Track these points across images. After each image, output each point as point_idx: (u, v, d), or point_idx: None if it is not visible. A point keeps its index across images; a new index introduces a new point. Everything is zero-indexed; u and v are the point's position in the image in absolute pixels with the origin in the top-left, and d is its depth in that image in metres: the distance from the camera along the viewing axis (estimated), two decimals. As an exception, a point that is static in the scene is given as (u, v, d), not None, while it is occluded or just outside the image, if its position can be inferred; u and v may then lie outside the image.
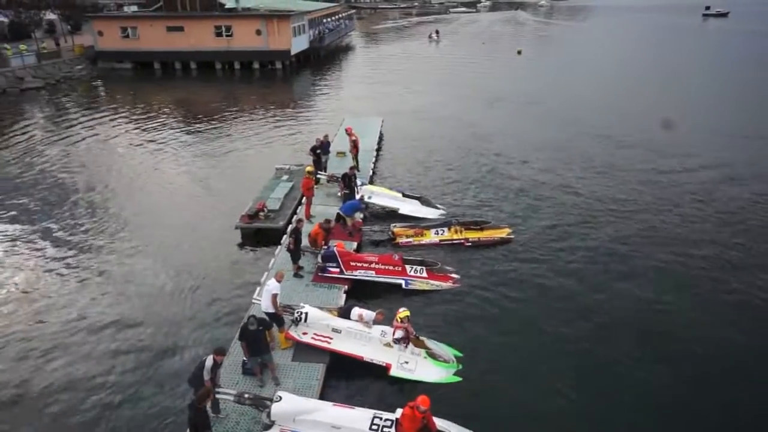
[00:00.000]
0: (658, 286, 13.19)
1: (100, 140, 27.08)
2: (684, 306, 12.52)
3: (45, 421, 9.34)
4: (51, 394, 9.92)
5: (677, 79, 43.14)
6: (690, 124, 28.70)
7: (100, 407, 9.56)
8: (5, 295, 13.17)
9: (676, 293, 12.94)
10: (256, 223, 15.68)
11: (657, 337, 11.41)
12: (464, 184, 19.96)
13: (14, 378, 10.37)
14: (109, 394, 9.86)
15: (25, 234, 16.48)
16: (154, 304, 12.69)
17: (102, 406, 9.59)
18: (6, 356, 10.97)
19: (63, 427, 9.24)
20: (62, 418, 9.40)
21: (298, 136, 26.86)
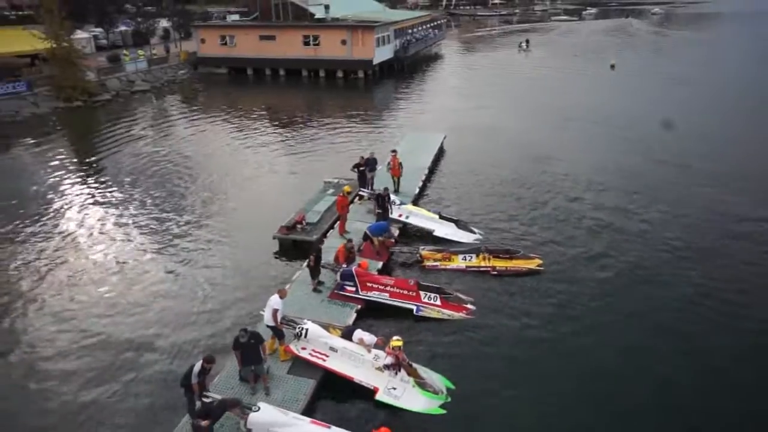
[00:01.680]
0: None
1: (194, 138, 30.65)
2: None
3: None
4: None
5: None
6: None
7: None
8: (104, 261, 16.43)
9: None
10: (292, 234, 16.65)
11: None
12: (511, 209, 19.56)
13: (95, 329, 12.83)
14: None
15: (127, 211, 20.31)
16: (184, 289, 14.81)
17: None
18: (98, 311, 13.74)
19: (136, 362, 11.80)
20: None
21: (362, 147, 27.67)
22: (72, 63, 35.89)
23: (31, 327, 13.31)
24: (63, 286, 15.07)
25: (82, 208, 20.72)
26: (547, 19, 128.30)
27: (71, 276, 15.63)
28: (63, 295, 14.62)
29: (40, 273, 15.77)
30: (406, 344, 11.94)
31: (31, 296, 14.60)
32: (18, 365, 11.96)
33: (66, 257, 16.80)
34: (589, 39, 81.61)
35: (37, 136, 31.12)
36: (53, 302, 14.29)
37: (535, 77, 48.61)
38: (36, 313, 13.82)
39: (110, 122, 34.10)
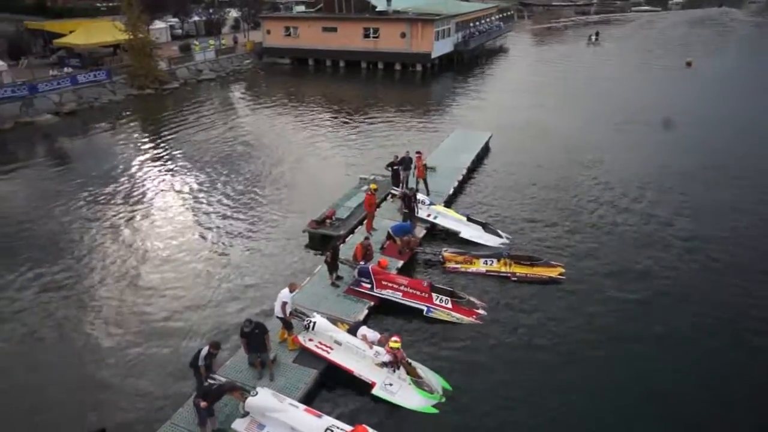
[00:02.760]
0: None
1: (254, 125, 32.77)
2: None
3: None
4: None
5: None
6: None
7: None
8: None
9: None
10: (321, 229, 17.39)
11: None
12: (549, 216, 19.14)
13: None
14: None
15: (189, 189, 22.70)
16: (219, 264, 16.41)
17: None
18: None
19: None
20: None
21: (409, 143, 27.97)
22: (146, 54, 38.46)
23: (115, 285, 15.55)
24: (135, 251, 17.38)
25: (151, 185, 23.23)
26: (627, 10, 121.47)
27: (137, 243, 17.97)
28: (133, 257, 17.06)
29: (118, 237, 18.39)
30: (412, 342, 12.55)
31: (113, 255, 17.15)
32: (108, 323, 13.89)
33: (139, 226, 19.25)
34: (669, 32, 76.84)
35: (112, 120, 33.91)
36: (129, 264, 16.68)
37: (599, 74, 46.74)
38: (118, 276, 16.03)
39: (177, 109, 36.44)
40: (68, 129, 32.15)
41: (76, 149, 29.60)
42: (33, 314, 14.15)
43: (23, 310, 14.30)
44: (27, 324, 13.74)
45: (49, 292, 15.15)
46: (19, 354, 12.73)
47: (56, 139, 30.85)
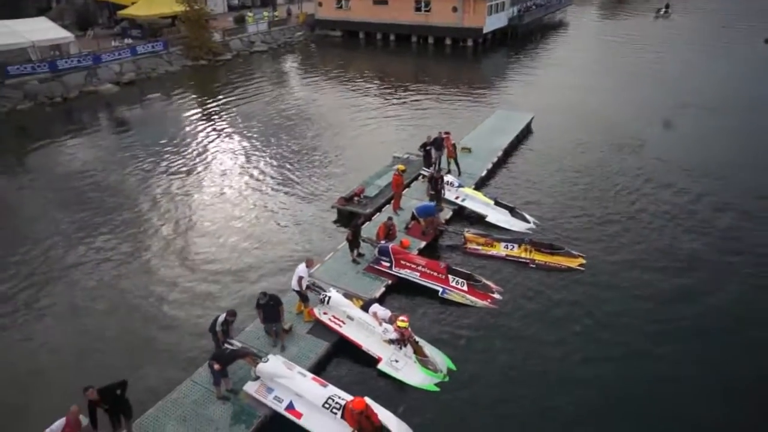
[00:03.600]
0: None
1: (304, 96, 33.60)
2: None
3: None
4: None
5: None
6: None
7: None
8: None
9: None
10: (349, 206, 17.89)
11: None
12: (583, 205, 18.63)
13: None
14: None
15: (241, 156, 24.33)
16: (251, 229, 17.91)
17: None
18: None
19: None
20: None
21: (450, 122, 27.83)
22: (201, 25, 39.69)
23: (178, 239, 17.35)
24: (182, 212, 19.10)
25: (201, 151, 24.90)
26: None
27: (185, 204, 19.72)
28: (197, 215, 18.93)
29: (169, 198, 20.16)
30: (424, 321, 12.99)
31: (175, 216, 18.84)
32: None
33: (189, 189, 20.99)
34: (754, 2, 70.61)
35: (167, 90, 35.51)
36: (176, 222, 18.42)
37: (663, 51, 44.14)
38: (180, 230, 17.94)
39: (229, 80, 37.67)
40: (127, 98, 33.95)
41: (134, 117, 31.33)
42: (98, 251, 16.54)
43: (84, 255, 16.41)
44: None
45: (106, 234, 17.52)
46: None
47: (116, 107, 32.69)
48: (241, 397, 10.44)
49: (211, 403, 10.28)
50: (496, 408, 10.73)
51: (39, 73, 32.11)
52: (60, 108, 31.53)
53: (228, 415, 10.06)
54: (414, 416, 10.34)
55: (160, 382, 11.01)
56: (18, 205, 20.20)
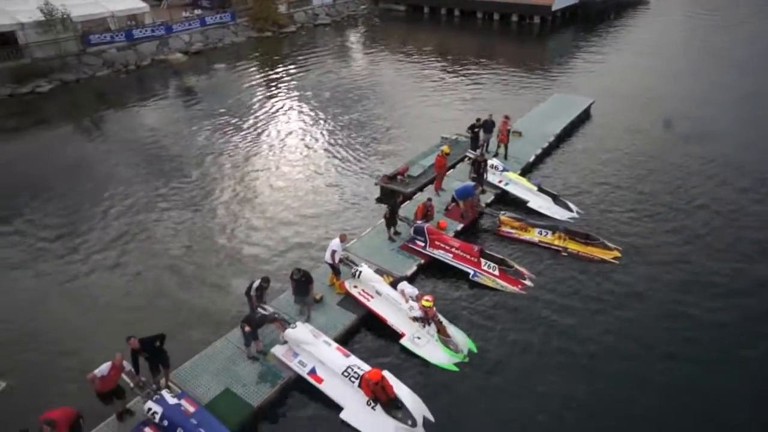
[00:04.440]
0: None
1: (366, 70, 34.39)
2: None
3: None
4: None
5: None
6: None
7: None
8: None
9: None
10: (391, 184, 18.20)
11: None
12: (630, 196, 17.99)
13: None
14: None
15: (302, 124, 25.97)
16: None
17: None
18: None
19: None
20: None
21: (504, 104, 27.36)
22: (267, -3, 40.68)
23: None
24: (244, 175, 20.62)
25: (262, 120, 26.34)
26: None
27: (246, 167, 21.28)
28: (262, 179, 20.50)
29: (231, 161, 21.81)
30: (452, 301, 13.24)
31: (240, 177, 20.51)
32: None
33: (250, 153, 22.63)
34: None
35: (233, 61, 36.86)
36: (236, 185, 19.97)
37: (751, 30, 40.75)
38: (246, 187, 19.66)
39: (292, 52, 38.61)
40: (195, 67, 35.55)
41: (201, 85, 32.84)
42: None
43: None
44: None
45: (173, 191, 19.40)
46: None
47: (184, 75, 34.34)
48: (268, 358, 11.17)
49: (242, 361, 11.08)
50: (509, 393, 10.84)
51: (116, 42, 34.14)
52: (133, 75, 33.51)
53: (255, 373, 10.82)
54: (429, 393, 10.69)
55: (199, 338, 11.91)
56: (94, 162, 22.10)
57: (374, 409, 10.10)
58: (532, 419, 10.26)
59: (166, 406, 9.35)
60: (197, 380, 10.61)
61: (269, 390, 10.50)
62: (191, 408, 9.71)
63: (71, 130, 26.18)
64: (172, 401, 9.53)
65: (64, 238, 16.51)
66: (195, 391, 10.32)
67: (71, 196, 18.98)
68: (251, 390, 10.45)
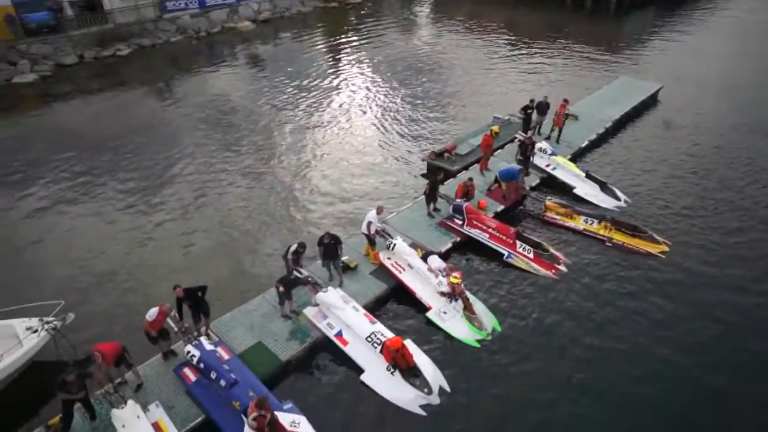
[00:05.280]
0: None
1: (432, 42, 34.59)
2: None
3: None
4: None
5: None
6: None
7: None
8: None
9: None
10: (438, 161, 18.37)
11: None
12: (690, 189, 17.19)
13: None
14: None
15: (367, 93, 26.94)
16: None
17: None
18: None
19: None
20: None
21: (570, 85, 26.51)
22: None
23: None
24: (307, 139, 22.07)
25: (326, 87, 27.58)
26: None
27: (310, 131, 22.72)
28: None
29: (296, 125, 23.22)
30: (482, 279, 13.51)
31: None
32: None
33: (312, 119, 23.88)
34: None
35: (299, 30, 37.67)
36: (301, 148, 21.31)
37: None
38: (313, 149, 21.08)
39: (357, 23, 38.99)
40: (262, 35, 36.67)
41: (267, 53, 33.96)
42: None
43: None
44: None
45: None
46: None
47: (252, 43, 35.51)
48: (300, 318, 11.93)
49: (275, 318, 11.90)
50: (527, 375, 11.00)
51: (190, 9, 35.71)
52: (204, 41, 35.05)
53: (287, 331, 11.62)
54: (448, 365, 11.10)
55: (240, 294, 12.85)
56: (165, 122, 23.89)
57: (393, 375, 10.65)
58: (544, 404, 10.38)
59: (204, 351, 10.30)
60: (234, 332, 11.53)
61: (298, 347, 11.26)
62: (226, 355, 10.65)
63: (146, 92, 27.92)
64: (209, 347, 10.47)
65: (136, 191, 18.12)
66: (231, 341, 11.25)
67: (143, 153, 20.71)
68: (281, 345, 11.26)
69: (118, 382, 9.94)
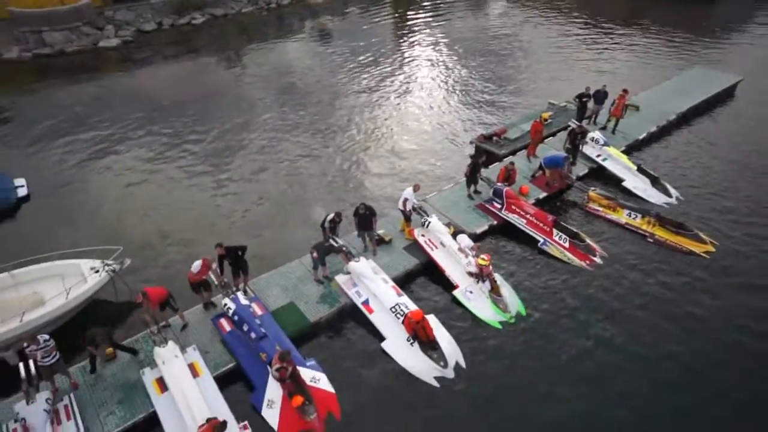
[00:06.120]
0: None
1: (500, 24, 33.98)
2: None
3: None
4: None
5: None
6: None
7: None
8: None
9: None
10: (486, 144, 18.39)
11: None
12: (753, 191, 16.30)
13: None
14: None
15: (438, 71, 27.14)
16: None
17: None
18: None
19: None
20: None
21: (642, 73, 25.43)
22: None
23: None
24: (375, 112, 22.86)
25: (395, 64, 27.96)
26: None
27: (375, 103, 23.57)
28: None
29: (361, 96, 24.26)
30: (514, 262, 13.66)
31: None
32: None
33: (383, 95, 24.37)
34: None
35: (367, 3, 37.99)
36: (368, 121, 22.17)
37: None
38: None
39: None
40: (331, 8, 37.31)
41: (335, 27, 34.61)
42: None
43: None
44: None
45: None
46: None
47: (321, 16, 36.20)
48: (331, 284, 12.63)
49: (309, 282, 12.67)
50: (545, 365, 11.08)
51: (263, -20, 36.66)
52: (274, 13, 36.12)
53: (318, 294, 12.36)
54: (467, 343, 11.47)
55: (282, 256, 13.72)
56: (232, 88, 25.32)
57: (412, 345, 11.16)
58: (548, 396, 10.41)
59: (239, 305, 11.21)
60: (269, 290, 12.41)
61: (327, 310, 11.99)
62: (259, 311, 11.54)
63: (217, 60, 29.31)
64: (245, 302, 11.38)
65: (202, 154, 19.55)
66: (266, 299, 12.13)
67: (211, 117, 22.12)
68: (311, 307, 12.02)
69: (162, 324, 11.04)
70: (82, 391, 10.15)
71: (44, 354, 9.50)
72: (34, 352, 9.46)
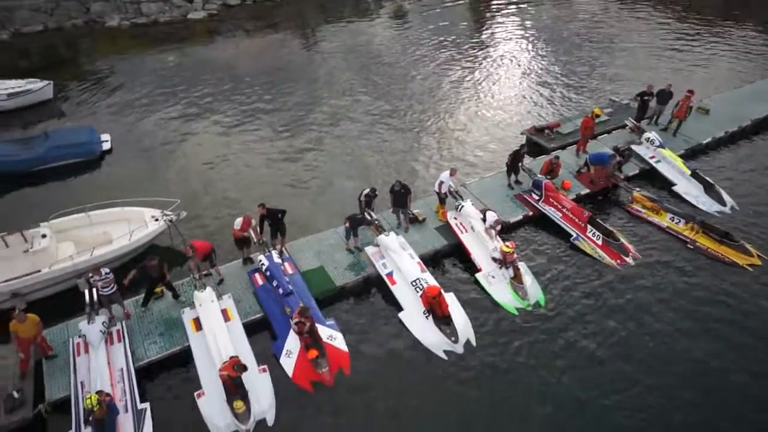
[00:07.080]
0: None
1: (591, 15, 33.14)
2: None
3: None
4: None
5: None
6: None
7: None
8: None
9: None
10: (536, 136, 18.38)
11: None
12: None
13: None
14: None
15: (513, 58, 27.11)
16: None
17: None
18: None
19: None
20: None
21: (729, 72, 24.29)
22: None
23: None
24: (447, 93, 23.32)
25: (472, 49, 27.94)
26: None
27: (449, 88, 23.86)
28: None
29: (433, 82, 24.52)
30: (544, 253, 13.92)
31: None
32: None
33: (456, 79, 24.69)
34: None
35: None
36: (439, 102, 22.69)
37: None
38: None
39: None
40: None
41: (413, 9, 34.98)
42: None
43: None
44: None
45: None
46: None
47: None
48: (361, 254, 13.45)
49: (340, 250, 13.58)
50: (554, 357, 11.29)
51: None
52: (351, -8, 36.97)
53: (347, 262, 13.24)
54: (481, 323, 11.96)
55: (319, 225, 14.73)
56: (306, 63, 26.61)
57: (427, 319, 11.79)
58: (560, 394, 10.55)
59: (272, 262, 12.31)
60: (303, 253, 13.44)
61: (353, 277, 12.87)
62: (290, 270, 12.60)
63: (293, 36, 30.65)
64: (277, 260, 12.46)
65: (273, 123, 20.89)
66: (299, 261, 13.17)
67: (284, 89, 23.51)
68: (339, 273, 12.94)
69: (204, 273, 12.35)
70: (132, 320, 11.66)
71: (104, 284, 11.01)
72: (97, 282, 10.99)
